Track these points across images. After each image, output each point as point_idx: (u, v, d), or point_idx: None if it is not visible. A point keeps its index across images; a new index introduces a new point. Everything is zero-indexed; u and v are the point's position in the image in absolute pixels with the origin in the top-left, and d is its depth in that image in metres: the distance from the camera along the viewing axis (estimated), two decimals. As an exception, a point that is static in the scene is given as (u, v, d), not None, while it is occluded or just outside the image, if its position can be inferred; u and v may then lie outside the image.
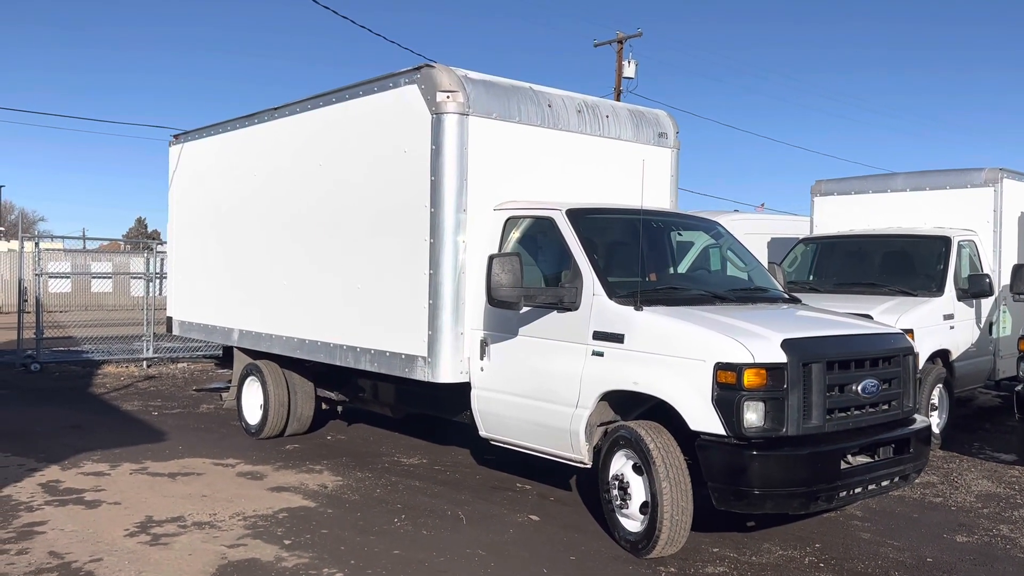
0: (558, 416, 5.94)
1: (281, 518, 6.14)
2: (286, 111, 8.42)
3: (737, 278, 7.10)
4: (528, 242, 6.52)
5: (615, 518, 5.65)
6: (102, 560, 5.23)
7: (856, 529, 6.14)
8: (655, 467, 5.26)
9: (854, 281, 9.68)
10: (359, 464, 7.84)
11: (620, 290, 5.79)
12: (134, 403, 11.13)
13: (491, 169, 6.66)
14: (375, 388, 8.08)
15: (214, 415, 10.34)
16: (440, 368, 6.51)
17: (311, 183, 8.02)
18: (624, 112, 7.72)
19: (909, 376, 5.86)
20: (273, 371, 8.78)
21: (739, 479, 5.05)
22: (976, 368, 9.74)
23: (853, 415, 5.43)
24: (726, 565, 5.34)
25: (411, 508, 6.46)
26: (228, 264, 9.32)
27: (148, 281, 15.16)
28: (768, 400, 5.01)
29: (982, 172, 10.20)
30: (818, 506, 5.30)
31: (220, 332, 9.50)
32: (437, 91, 6.48)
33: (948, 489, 7.29)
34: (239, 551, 5.43)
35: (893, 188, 10.81)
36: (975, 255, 9.85)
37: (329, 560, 5.29)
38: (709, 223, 7.42)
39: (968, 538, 5.99)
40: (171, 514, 6.19)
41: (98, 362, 14.70)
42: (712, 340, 5.19)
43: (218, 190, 9.59)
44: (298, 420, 8.86)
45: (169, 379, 13.59)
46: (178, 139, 10.49)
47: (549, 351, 6.06)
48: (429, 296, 6.52)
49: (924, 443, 5.88)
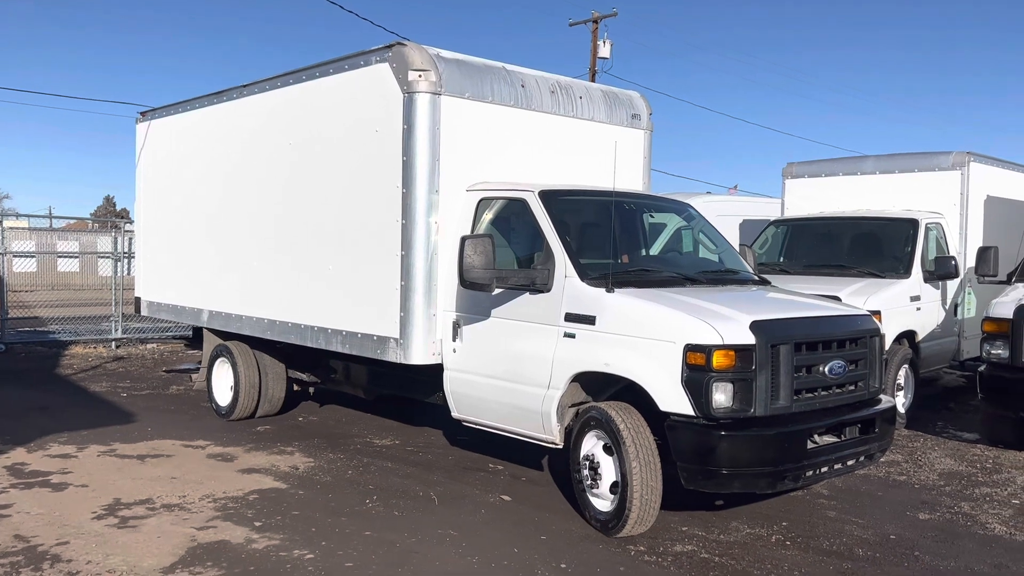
0: (530, 397, 5.96)
1: (252, 500, 6.12)
2: (255, 88, 8.29)
3: (708, 260, 7.15)
4: (501, 223, 6.50)
5: (586, 498, 5.70)
6: (69, 543, 5.18)
7: (822, 507, 6.25)
8: (625, 447, 5.30)
9: (824, 263, 9.79)
10: (331, 445, 7.82)
11: (592, 272, 5.80)
12: (102, 384, 11.00)
13: (464, 149, 6.62)
14: (347, 369, 8.04)
15: (184, 396, 10.25)
16: (412, 350, 6.49)
17: (281, 162, 7.92)
18: (597, 93, 7.69)
19: (875, 357, 5.94)
20: (244, 352, 8.71)
21: (708, 459, 5.11)
22: (941, 349, 9.91)
23: (820, 396, 5.50)
24: (694, 543, 5.42)
25: (383, 489, 6.46)
26: (197, 244, 9.20)
27: (116, 261, 14.92)
28: (737, 381, 5.06)
29: (950, 155, 10.32)
30: (785, 485, 5.38)
31: (189, 313, 9.40)
32: (409, 70, 6.41)
33: (912, 468, 7.44)
34: (209, 533, 5.40)
35: (863, 171, 10.91)
36: (942, 237, 9.99)
37: (300, 541, 5.28)
38: (681, 205, 7.45)
39: (931, 515, 6.12)
40: (139, 496, 6.14)
41: (65, 343, 14.49)
42: (682, 322, 5.23)
43: (186, 169, 9.44)
44: (269, 401, 8.81)
45: (138, 360, 13.44)
46: (145, 116, 10.30)
47: (521, 333, 6.06)
48: (401, 277, 6.49)
49: (889, 423, 5.98)
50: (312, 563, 4.94)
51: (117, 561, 4.91)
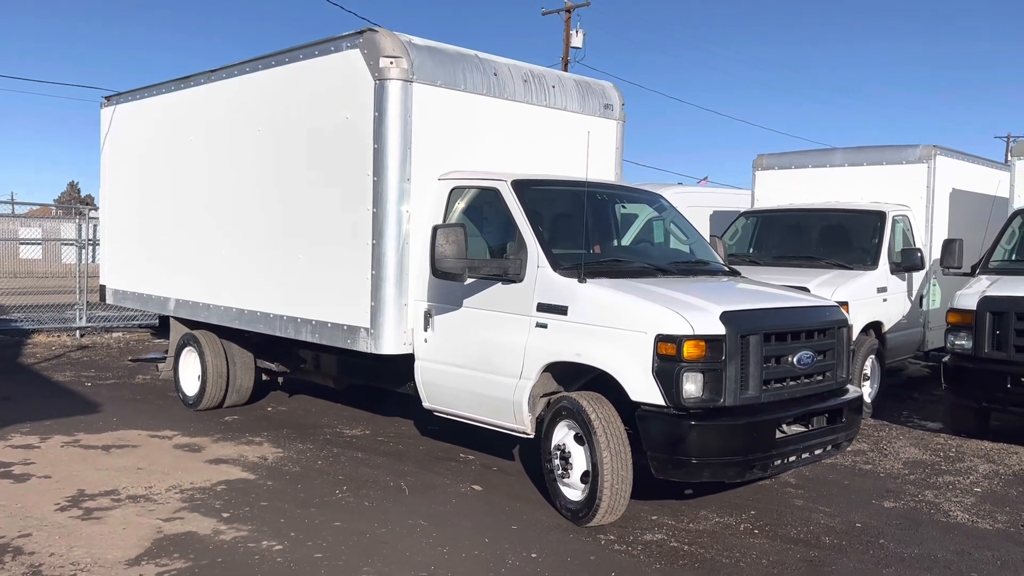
0: (502, 387, 5.94)
1: (219, 491, 6.05)
2: (223, 73, 8.15)
3: (679, 251, 7.18)
4: (473, 213, 6.46)
5: (557, 487, 5.70)
6: (31, 535, 5.08)
7: (790, 496, 6.32)
8: (596, 437, 5.32)
9: (792, 254, 9.89)
10: (300, 436, 7.76)
11: (564, 262, 5.80)
12: (66, 373, 10.80)
13: (436, 138, 6.56)
14: (317, 359, 7.97)
15: (150, 386, 10.10)
16: (383, 339, 6.45)
17: (250, 148, 7.80)
18: (570, 83, 7.67)
19: (843, 348, 6.01)
20: (211, 341, 8.60)
21: (678, 448, 5.14)
22: (907, 339, 10.07)
23: (789, 386, 5.56)
24: (664, 532, 5.45)
25: (353, 480, 6.42)
26: (164, 231, 9.04)
27: (80, 248, 14.63)
28: (707, 371, 5.09)
29: (917, 149, 10.46)
30: (754, 474, 5.43)
31: (156, 301, 9.25)
32: (380, 56, 6.34)
33: (878, 456, 7.55)
34: (176, 524, 5.33)
35: (832, 163, 11.02)
36: (908, 230, 10.13)
37: (268, 532, 5.23)
38: (653, 196, 7.46)
39: (895, 504, 6.22)
40: (104, 488, 6.04)
41: (28, 331, 14.19)
42: (653, 312, 5.24)
43: (153, 154, 9.27)
44: (237, 391, 8.71)
45: (103, 349, 13.22)
46: (111, 101, 10.09)
47: (493, 322, 6.04)
48: (372, 266, 6.43)
49: (856, 412, 6.06)
50: (281, 554, 4.90)
51: (81, 553, 4.82)
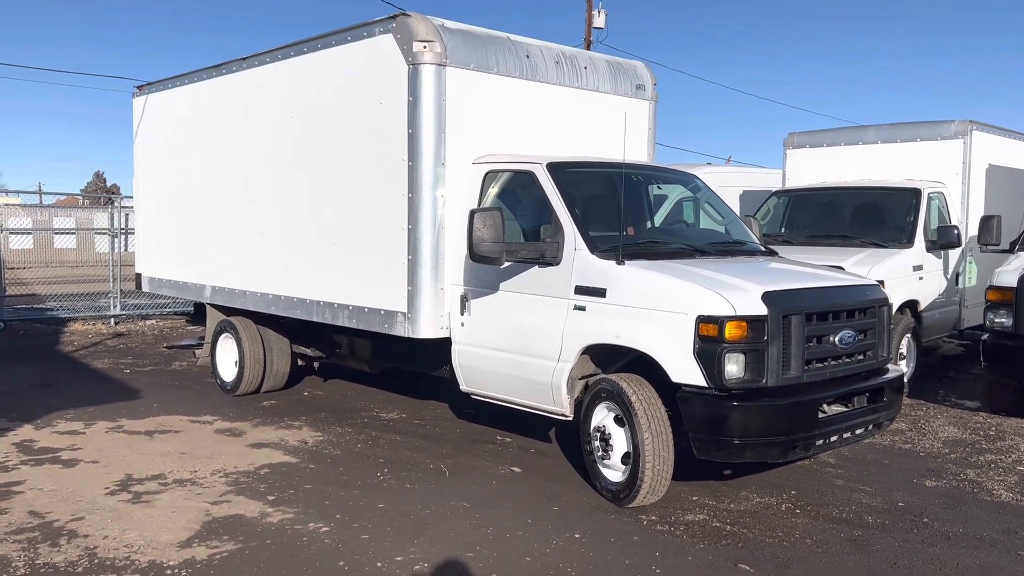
0: (540, 370, 5.96)
1: (263, 474, 6.14)
2: (255, 61, 8.19)
3: (715, 231, 7.14)
4: (508, 196, 6.46)
5: (597, 469, 5.73)
6: (84, 519, 5.19)
7: (830, 476, 6.30)
8: (637, 419, 5.33)
9: (826, 233, 9.79)
10: (338, 419, 7.84)
11: (601, 244, 5.79)
12: (104, 361, 10.98)
13: (470, 121, 6.56)
14: (352, 344, 8.03)
15: (187, 372, 10.25)
16: (420, 324, 6.49)
17: (283, 135, 7.85)
18: (602, 63, 7.62)
19: (884, 327, 5.97)
20: (247, 327, 8.69)
21: (720, 429, 5.13)
22: (943, 318, 9.96)
23: (830, 365, 5.52)
24: (706, 512, 5.46)
25: (393, 462, 6.49)
26: (199, 219, 9.14)
27: (113, 237, 14.83)
28: (749, 352, 5.07)
29: (952, 124, 10.30)
30: (796, 455, 5.42)
31: (192, 288, 9.36)
32: (414, 41, 6.34)
33: (916, 436, 7.50)
34: (223, 507, 5.42)
35: (865, 140, 10.88)
36: (944, 207, 9.99)
37: (314, 515, 5.31)
38: (687, 176, 7.42)
39: (937, 483, 6.18)
40: (151, 472, 6.15)
41: (64, 320, 14.42)
42: (694, 293, 5.23)
43: (186, 143, 9.35)
44: (274, 377, 8.81)
45: (139, 336, 13.41)
46: (142, 90, 10.18)
47: (530, 306, 6.05)
48: (408, 251, 6.46)
49: (897, 392, 6.03)
50: (328, 536, 4.97)
51: (134, 536, 4.93)
